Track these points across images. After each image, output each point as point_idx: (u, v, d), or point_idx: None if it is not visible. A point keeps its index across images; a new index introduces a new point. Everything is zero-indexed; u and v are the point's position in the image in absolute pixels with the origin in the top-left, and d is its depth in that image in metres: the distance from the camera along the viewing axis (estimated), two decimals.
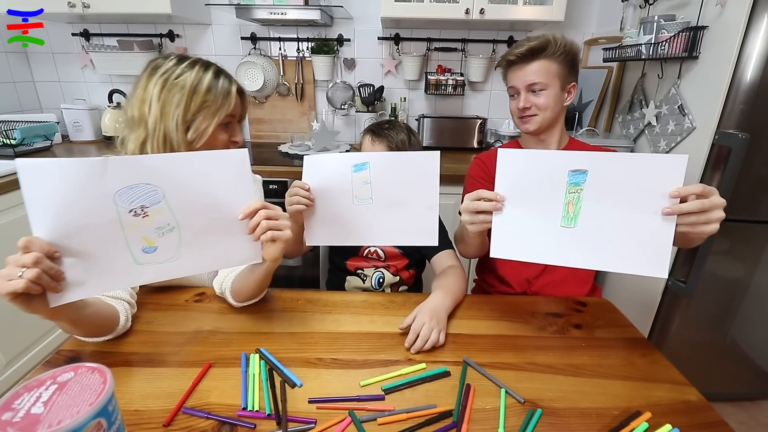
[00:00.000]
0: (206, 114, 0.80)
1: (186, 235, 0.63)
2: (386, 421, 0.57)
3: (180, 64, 0.81)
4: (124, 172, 0.56)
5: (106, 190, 0.55)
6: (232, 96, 0.82)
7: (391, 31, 2.03)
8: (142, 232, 0.59)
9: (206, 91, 0.80)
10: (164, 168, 0.59)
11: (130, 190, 0.57)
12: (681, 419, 0.58)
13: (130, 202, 0.57)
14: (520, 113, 1.00)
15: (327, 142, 1.92)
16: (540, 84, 0.95)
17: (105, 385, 0.32)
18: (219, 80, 0.82)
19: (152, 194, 0.58)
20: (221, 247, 0.67)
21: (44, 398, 0.31)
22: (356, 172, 0.78)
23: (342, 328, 0.78)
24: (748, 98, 1.17)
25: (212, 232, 0.65)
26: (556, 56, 0.94)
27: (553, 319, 0.83)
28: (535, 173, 0.70)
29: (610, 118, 1.85)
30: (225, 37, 2.08)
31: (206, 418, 0.56)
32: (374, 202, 0.79)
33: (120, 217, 0.57)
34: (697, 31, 1.26)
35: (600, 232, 0.68)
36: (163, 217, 0.60)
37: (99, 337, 0.70)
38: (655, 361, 0.71)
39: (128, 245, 0.59)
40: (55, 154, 1.81)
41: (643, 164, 0.65)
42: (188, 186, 0.61)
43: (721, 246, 1.33)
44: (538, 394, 0.62)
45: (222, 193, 0.64)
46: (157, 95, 0.79)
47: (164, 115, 0.79)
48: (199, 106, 0.80)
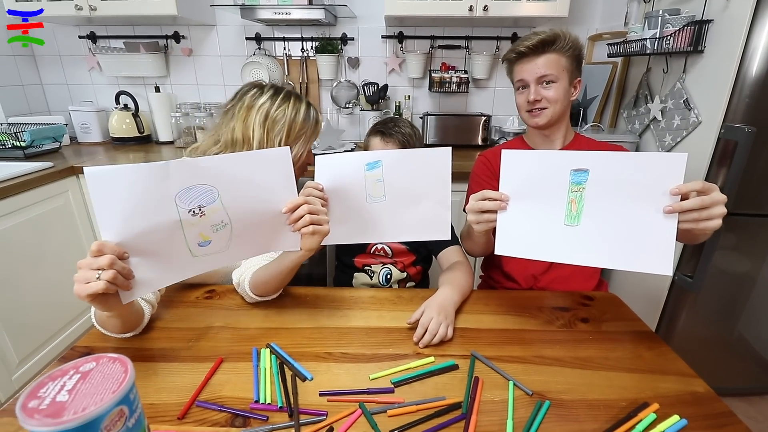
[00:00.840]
0: (302, 141, 0.94)
1: (237, 229, 0.67)
2: (396, 413, 0.57)
3: (276, 97, 0.92)
4: (184, 175, 0.60)
5: (168, 193, 0.58)
6: (320, 125, 0.96)
7: (395, 30, 2.04)
8: (199, 229, 0.63)
9: (302, 122, 0.93)
10: (218, 168, 0.63)
11: (189, 191, 0.60)
12: (688, 410, 0.59)
13: (189, 202, 0.61)
14: (530, 106, 0.99)
15: (332, 141, 1.93)
16: (551, 76, 0.95)
17: (126, 375, 0.33)
18: (311, 112, 0.95)
19: (208, 194, 0.62)
20: (265, 237, 0.71)
21: (68, 387, 0.32)
22: (369, 171, 0.79)
23: (351, 324, 0.79)
24: (753, 92, 1.17)
25: (258, 224, 0.69)
26: (565, 50, 0.95)
27: (559, 313, 0.83)
28: (538, 173, 0.71)
29: (615, 114, 1.85)
30: (230, 37, 2.10)
31: (219, 410, 0.57)
32: (387, 199, 0.80)
33: (180, 217, 0.60)
34: (702, 24, 1.25)
35: (603, 230, 0.69)
36: (217, 215, 0.64)
37: (125, 333, 0.72)
38: (662, 354, 0.72)
39: (186, 241, 0.63)
40: (64, 155, 1.84)
41: (644, 163, 0.66)
42: (239, 184, 0.65)
43: (727, 241, 1.32)
44: (545, 387, 0.63)
45: (267, 188, 0.69)
46: (261, 124, 0.90)
47: (269, 141, 0.91)
48: (297, 134, 0.93)
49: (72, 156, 1.84)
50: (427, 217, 0.81)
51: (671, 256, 0.66)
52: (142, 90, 2.17)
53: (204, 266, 0.66)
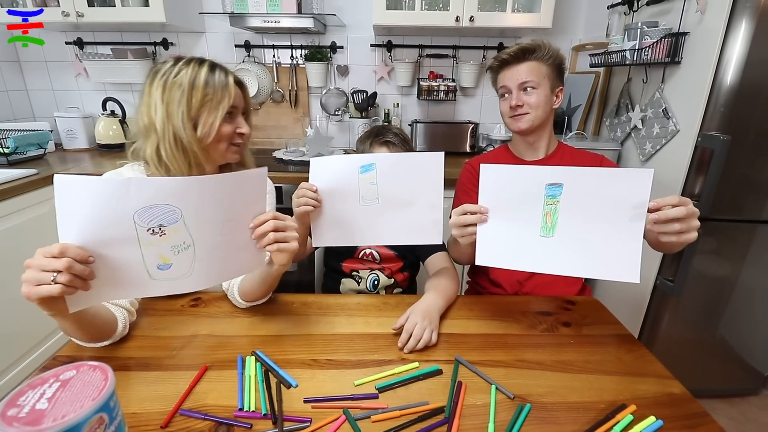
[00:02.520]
0: (209, 108, 0.82)
1: (200, 252, 0.65)
2: (380, 418, 0.58)
3: (177, 64, 0.83)
4: (145, 193, 0.58)
5: (127, 209, 0.57)
6: (230, 87, 0.83)
7: (384, 39, 2.06)
8: (159, 250, 0.61)
9: (204, 85, 0.81)
10: (185, 190, 0.61)
11: (149, 210, 0.59)
12: (665, 411, 0.60)
13: (148, 221, 0.59)
14: (512, 112, 1.03)
15: (321, 148, 1.94)
16: (532, 82, 0.99)
17: (106, 382, 0.33)
18: (215, 73, 0.83)
19: (170, 214, 0.60)
20: (232, 260, 0.69)
21: (48, 395, 0.32)
22: (363, 173, 0.80)
23: (336, 330, 0.79)
24: (728, 101, 1.21)
25: (225, 247, 0.67)
26: (546, 59, 0.99)
27: (542, 318, 0.85)
28: (515, 186, 0.74)
29: (598, 122, 1.89)
30: (219, 44, 2.10)
31: (203, 419, 0.57)
32: (380, 202, 0.82)
33: (138, 235, 0.59)
34: (679, 37, 1.30)
35: (576, 241, 0.73)
36: (179, 235, 0.62)
37: (97, 342, 0.71)
38: (641, 357, 0.74)
39: (144, 261, 0.61)
40: (48, 162, 1.82)
41: (613, 178, 0.69)
42: (206, 206, 0.63)
43: (707, 245, 1.36)
44: (527, 390, 0.64)
45: (238, 210, 0.67)
46: (160, 97, 0.80)
47: (170, 115, 0.80)
48: (201, 101, 0.81)
49: (57, 163, 1.82)
50: (420, 220, 0.82)
51: (638, 264, 0.69)
52: (130, 96, 2.16)
53: (163, 290, 0.65)
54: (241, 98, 0.88)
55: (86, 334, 0.69)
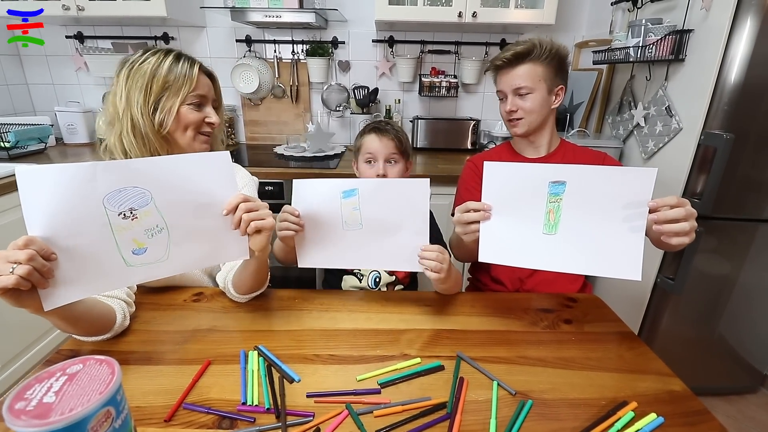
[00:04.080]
0: (169, 94, 0.82)
1: (175, 236, 0.65)
2: (382, 413, 0.58)
3: (144, 54, 0.83)
4: (113, 176, 0.58)
5: (96, 194, 0.57)
6: (193, 75, 0.83)
7: (385, 34, 2.05)
8: (132, 234, 0.61)
9: (166, 73, 0.82)
10: (150, 171, 0.61)
11: (119, 194, 0.58)
12: (665, 408, 0.61)
13: (119, 205, 0.59)
14: (508, 116, 1.03)
15: (322, 144, 1.94)
16: (525, 88, 0.98)
17: (113, 376, 0.34)
18: (179, 62, 0.84)
19: (140, 197, 0.60)
20: (210, 245, 0.70)
21: (55, 388, 0.32)
22: (345, 199, 0.79)
23: (338, 326, 0.80)
24: (732, 99, 1.21)
25: (201, 232, 0.68)
26: (542, 60, 0.97)
27: (544, 315, 0.85)
28: (518, 184, 0.74)
29: (601, 119, 1.89)
30: (220, 39, 2.09)
31: (207, 413, 0.57)
32: (364, 227, 0.80)
33: (110, 220, 0.59)
34: (683, 34, 1.29)
35: (578, 239, 0.73)
36: (151, 218, 0.62)
37: (96, 336, 0.71)
38: (641, 354, 0.74)
39: (118, 247, 0.61)
40: (49, 156, 1.81)
41: (616, 176, 0.70)
42: (174, 188, 0.63)
43: (707, 244, 1.36)
44: (528, 386, 0.65)
45: (207, 193, 0.67)
46: (124, 85, 0.81)
47: (129, 102, 0.81)
48: (161, 88, 0.81)
49: (57, 157, 1.81)
50: (405, 247, 0.80)
51: (640, 262, 0.70)
52: None
53: (141, 276, 0.65)
54: (209, 88, 0.88)
55: (80, 329, 0.69)
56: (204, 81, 0.87)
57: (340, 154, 1.96)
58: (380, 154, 0.99)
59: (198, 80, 0.84)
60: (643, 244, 0.70)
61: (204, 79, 0.87)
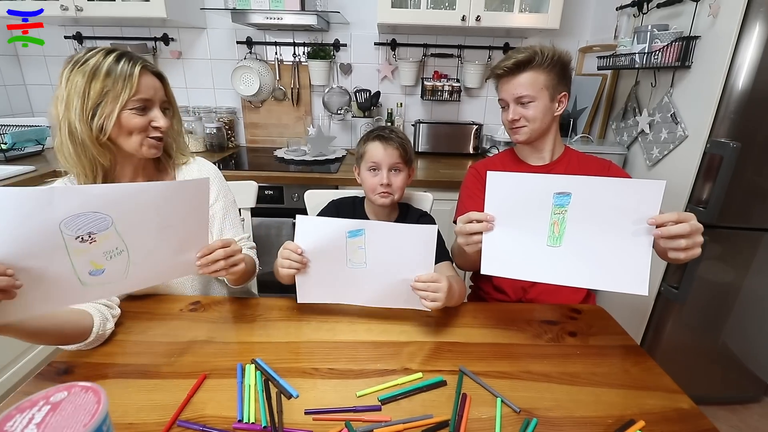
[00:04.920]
0: (108, 99, 0.76)
1: (135, 257, 0.65)
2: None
3: (87, 53, 0.77)
4: (71, 202, 0.56)
5: (52, 218, 0.55)
6: (134, 77, 0.77)
7: (388, 37, 2.04)
8: (89, 256, 0.60)
9: (105, 75, 0.75)
10: (112, 197, 0.60)
11: (77, 218, 0.57)
12: (673, 427, 0.59)
13: (76, 229, 0.57)
14: (510, 125, 1.01)
15: (323, 147, 1.92)
16: (527, 96, 0.96)
17: (99, 405, 0.32)
18: (120, 63, 0.77)
19: (100, 221, 0.59)
20: (167, 264, 0.70)
21: (37, 419, 0.30)
22: (351, 238, 0.77)
23: (338, 338, 0.78)
24: (739, 107, 1.19)
25: (160, 252, 0.68)
26: (544, 67, 0.95)
27: (547, 327, 0.83)
28: (522, 195, 0.72)
29: (604, 125, 1.87)
30: (220, 41, 2.07)
31: (201, 430, 0.56)
32: (368, 267, 0.78)
33: (66, 243, 0.58)
34: (690, 40, 1.28)
35: (583, 252, 0.71)
36: (110, 242, 0.61)
37: (71, 344, 0.69)
38: (648, 369, 0.72)
39: (74, 269, 0.60)
40: (46, 158, 1.79)
41: (624, 188, 0.68)
42: (141, 213, 0.63)
43: (712, 252, 1.34)
44: (533, 403, 0.63)
45: (178, 218, 0.67)
46: (64, 87, 0.76)
47: (68, 106, 0.76)
48: (99, 92, 0.75)
49: (55, 159, 1.79)
50: (409, 288, 0.78)
51: (647, 276, 0.68)
52: None
53: (95, 295, 0.65)
54: (156, 90, 0.82)
55: (49, 340, 0.67)
56: (148, 83, 0.80)
57: (341, 157, 1.94)
58: (384, 163, 0.97)
59: (140, 83, 0.78)
60: (650, 258, 0.68)
61: (149, 80, 0.80)
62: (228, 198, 1.00)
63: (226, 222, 0.98)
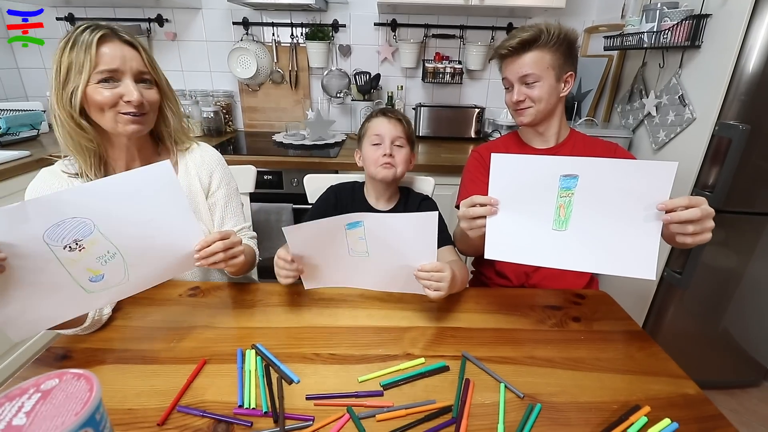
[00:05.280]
0: (74, 74, 0.72)
1: (130, 258, 0.64)
2: (385, 417, 0.56)
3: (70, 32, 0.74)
4: (46, 212, 0.55)
5: (34, 232, 0.55)
6: (92, 47, 0.71)
7: (388, 17, 1.98)
8: (84, 264, 0.60)
9: (70, 48, 0.72)
10: (86, 199, 0.58)
11: (58, 228, 0.56)
12: (679, 413, 0.58)
13: (61, 239, 0.56)
14: (515, 106, 0.99)
15: (322, 132, 1.89)
16: (533, 76, 0.93)
17: (91, 393, 0.30)
18: (83, 33, 0.72)
19: (82, 227, 0.58)
20: (168, 260, 0.69)
21: (26, 408, 0.29)
22: (350, 229, 0.74)
23: (339, 323, 0.77)
24: (749, 89, 1.16)
25: (154, 248, 0.66)
26: (550, 46, 0.92)
27: (551, 312, 0.82)
28: (527, 177, 0.70)
29: (609, 108, 1.83)
30: (216, 21, 2.02)
31: (201, 416, 0.55)
32: (371, 255, 0.76)
33: (56, 255, 0.57)
34: (701, 19, 1.23)
35: (590, 236, 0.69)
36: (99, 246, 0.60)
37: (69, 328, 0.68)
38: (653, 354, 0.71)
39: (74, 279, 0.60)
40: (42, 144, 1.77)
41: (634, 171, 0.65)
42: (117, 210, 0.61)
43: (716, 237, 1.31)
44: (537, 389, 0.62)
45: (153, 208, 0.65)
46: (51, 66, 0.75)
47: (50, 86, 0.74)
48: (67, 67, 0.72)
49: (51, 144, 1.76)
50: (412, 275, 0.76)
51: (655, 261, 0.67)
52: None
53: (105, 300, 0.65)
54: (125, 59, 0.75)
55: None
56: (113, 52, 0.74)
57: (340, 142, 1.91)
58: (387, 136, 0.97)
59: (100, 53, 0.72)
60: (658, 243, 0.67)
61: (114, 49, 0.74)
62: (231, 186, 0.98)
63: (227, 210, 0.96)
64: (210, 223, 0.93)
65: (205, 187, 0.93)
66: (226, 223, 0.95)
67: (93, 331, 0.71)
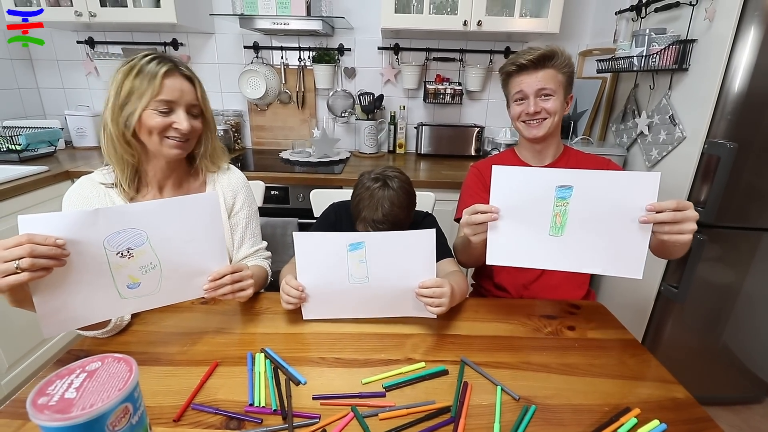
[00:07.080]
0: (134, 98, 0.81)
1: (166, 271, 0.70)
2: (387, 416, 0.59)
3: (133, 59, 0.83)
4: (113, 220, 0.63)
5: (96, 237, 0.62)
6: (157, 78, 0.80)
7: (391, 41, 2.08)
8: (128, 271, 0.66)
9: (135, 75, 0.80)
10: (146, 213, 0.66)
11: (118, 235, 0.63)
12: (668, 415, 0.61)
13: (117, 245, 0.63)
14: (528, 117, 1.01)
15: (327, 149, 1.95)
16: (549, 90, 0.98)
17: (131, 374, 0.35)
18: (150, 64, 0.81)
19: (137, 237, 0.65)
20: (194, 280, 0.74)
21: (76, 384, 0.33)
22: (352, 251, 0.77)
23: (344, 329, 0.80)
24: (735, 108, 1.21)
25: (187, 266, 0.72)
26: (561, 67, 0.98)
27: (547, 321, 0.86)
28: (526, 188, 0.76)
29: (604, 127, 1.90)
30: (228, 45, 2.12)
31: (215, 413, 0.59)
32: (371, 281, 0.79)
33: (108, 259, 0.64)
34: (687, 44, 1.31)
35: (584, 240, 0.75)
36: (146, 257, 0.67)
37: (93, 330, 0.72)
38: (644, 361, 0.74)
39: (115, 283, 0.66)
40: (59, 159, 1.84)
41: (622, 181, 0.72)
42: (166, 227, 0.68)
43: (711, 252, 1.36)
44: (532, 392, 0.65)
45: (196, 231, 0.71)
46: (110, 86, 0.83)
47: (106, 103, 0.83)
48: (129, 91, 0.81)
49: (67, 160, 1.84)
50: (411, 297, 0.79)
51: (642, 263, 0.73)
52: None
53: (132, 308, 0.71)
54: (184, 93, 0.84)
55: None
56: (174, 85, 0.83)
57: (345, 159, 1.97)
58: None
59: (164, 84, 0.81)
60: (647, 246, 0.72)
61: (175, 82, 0.83)
62: (252, 208, 1.04)
63: (247, 231, 1.02)
64: (230, 241, 0.98)
65: (229, 207, 0.99)
66: (245, 243, 1.01)
67: (111, 335, 0.75)
